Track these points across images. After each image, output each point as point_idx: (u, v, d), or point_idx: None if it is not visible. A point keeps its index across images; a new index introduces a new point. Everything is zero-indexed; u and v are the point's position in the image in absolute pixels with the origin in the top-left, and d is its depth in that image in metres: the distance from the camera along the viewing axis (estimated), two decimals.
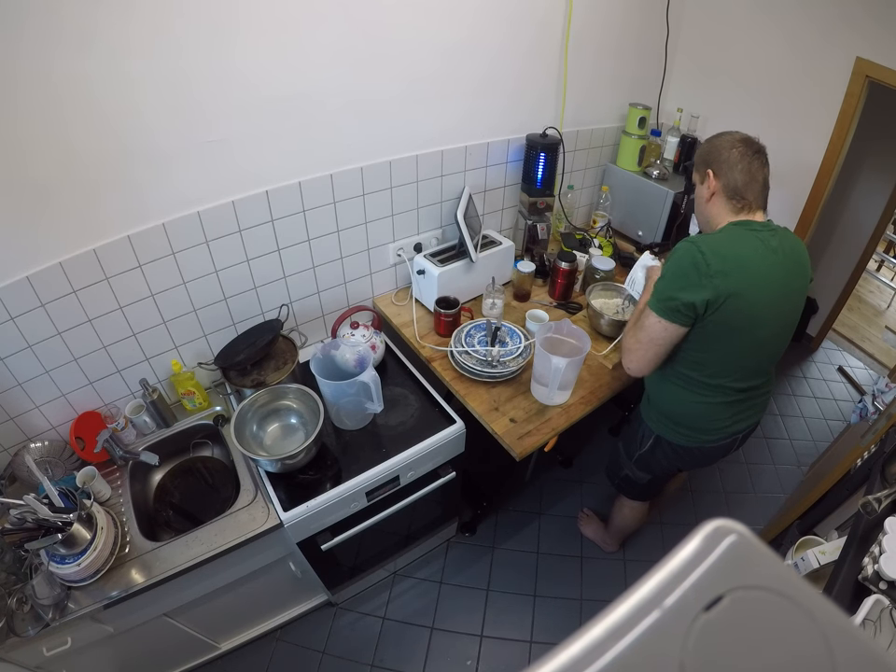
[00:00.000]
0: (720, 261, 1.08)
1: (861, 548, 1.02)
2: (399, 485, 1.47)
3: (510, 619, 1.84)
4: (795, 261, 1.19)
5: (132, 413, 1.46)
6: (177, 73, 1.13)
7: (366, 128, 1.48)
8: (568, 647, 0.20)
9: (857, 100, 1.62)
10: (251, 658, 1.72)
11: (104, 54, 1.04)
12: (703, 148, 1.24)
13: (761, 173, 1.16)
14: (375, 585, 1.91)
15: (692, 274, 1.10)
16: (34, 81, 1.00)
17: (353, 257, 1.71)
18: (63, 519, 1.10)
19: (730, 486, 2.32)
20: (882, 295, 3.68)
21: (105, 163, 1.15)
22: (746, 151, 1.15)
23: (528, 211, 1.93)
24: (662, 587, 0.21)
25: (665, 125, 2.15)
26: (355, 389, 1.36)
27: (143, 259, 1.31)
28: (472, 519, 2.08)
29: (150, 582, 1.18)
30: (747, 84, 1.90)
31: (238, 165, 1.33)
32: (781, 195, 1.93)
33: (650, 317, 1.18)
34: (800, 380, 2.94)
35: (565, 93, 1.85)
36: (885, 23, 1.50)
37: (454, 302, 1.64)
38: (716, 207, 1.21)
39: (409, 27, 1.40)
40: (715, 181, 1.19)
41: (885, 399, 1.54)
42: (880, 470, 1.19)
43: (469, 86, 1.61)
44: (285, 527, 1.29)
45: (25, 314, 1.19)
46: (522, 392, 1.51)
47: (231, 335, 1.59)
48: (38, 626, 1.10)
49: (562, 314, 1.82)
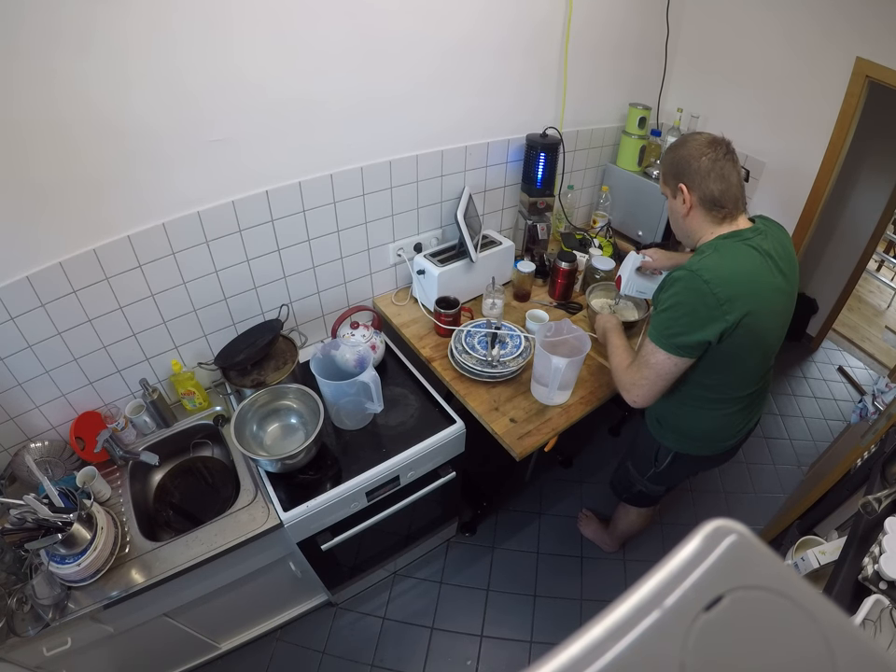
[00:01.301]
0: (726, 287, 1.02)
1: (861, 548, 1.02)
2: (399, 485, 1.47)
3: (510, 619, 1.84)
4: (786, 259, 1.15)
5: (132, 413, 1.46)
6: (176, 73, 1.13)
7: (366, 128, 1.48)
8: (568, 647, 0.20)
9: (857, 100, 1.62)
10: (251, 658, 1.72)
11: (102, 54, 1.04)
12: (669, 159, 1.14)
13: (734, 174, 1.09)
14: (375, 585, 1.91)
15: (701, 310, 1.04)
16: (33, 81, 1.00)
17: (353, 257, 1.71)
18: (63, 519, 1.10)
19: (730, 486, 2.32)
20: (882, 295, 3.68)
21: (105, 163, 1.15)
22: (716, 156, 1.07)
23: (528, 211, 1.93)
24: (662, 587, 0.21)
25: (665, 125, 2.15)
26: (355, 389, 1.36)
27: (143, 259, 1.31)
28: (472, 519, 2.08)
29: (150, 582, 1.18)
30: (747, 84, 1.90)
31: (238, 165, 1.33)
32: (781, 195, 1.94)
33: (656, 354, 1.11)
34: (800, 380, 2.94)
35: (565, 93, 1.85)
36: (885, 23, 1.50)
37: (454, 302, 1.64)
38: (695, 221, 1.15)
39: (409, 28, 1.40)
40: (690, 195, 1.11)
41: (885, 399, 1.54)
42: (880, 470, 1.19)
43: (469, 86, 1.61)
44: (285, 527, 1.29)
45: (25, 314, 1.19)
46: (522, 392, 1.51)
47: (230, 335, 1.59)
48: (38, 626, 1.10)
49: (562, 314, 1.82)
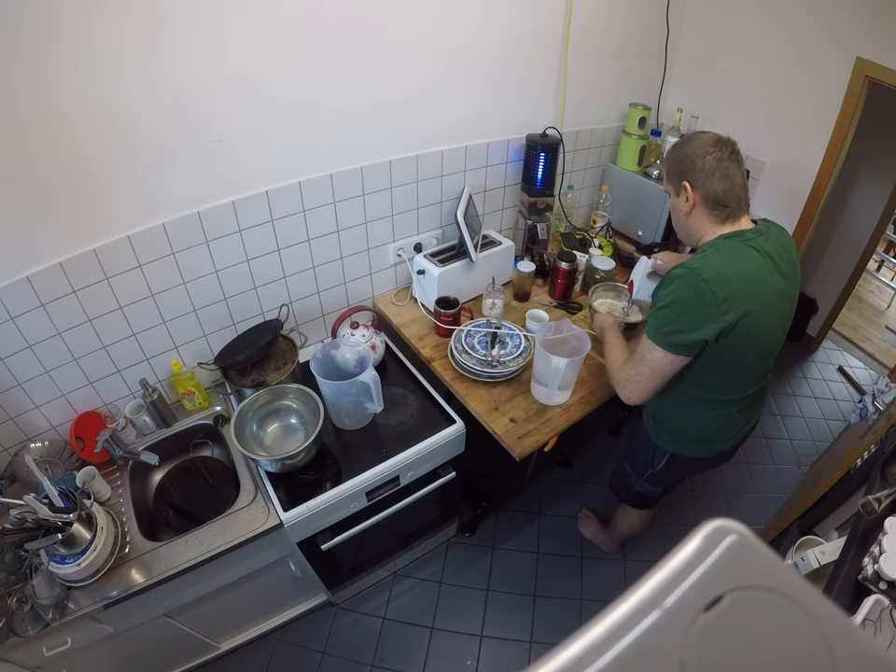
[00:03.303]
0: (725, 286, 1.03)
1: (861, 548, 1.02)
2: (399, 485, 1.47)
3: (510, 619, 1.84)
4: (788, 261, 1.15)
5: (132, 413, 1.46)
6: (176, 73, 1.13)
7: (366, 128, 1.48)
8: (568, 647, 0.20)
9: (857, 100, 1.62)
10: (251, 658, 1.72)
11: (100, 53, 1.03)
12: (673, 157, 1.15)
13: (738, 174, 1.10)
14: (375, 585, 1.91)
15: (699, 308, 1.04)
16: (33, 81, 0.99)
17: (353, 257, 1.71)
18: (63, 519, 1.10)
19: (730, 486, 2.32)
20: (882, 295, 3.68)
21: (105, 163, 1.15)
22: (721, 155, 1.08)
23: (528, 211, 1.93)
24: (662, 587, 0.21)
25: (666, 125, 2.14)
26: (355, 389, 1.36)
27: (143, 259, 1.31)
28: (472, 519, 2.08)
29: (150, 582, 1.18)
30: (747, 84, 1.90)
31: (238, 165, 1.33)
32: (781, 195, 1.94)
33: (653, 351, 1.12)
34: (800, 380, 2.94)
35: (565, 93, 1.85)
36: (885, 23, 1.50)
37: (454, 302, 1.64)
38: (698, 220, 1.15)
39: (410, 28, 1.40)
40: (693, 193, 1.12)
41: (885, 399, 1.54)
42: (880, 470, 1.19)
43: (469, 86, 1.61)
44: (285, 527, 1.29)
45: (25, 314, 1.19)
46: (522, 392, 1.51)
47: (230, 335, 1.59)
48: (38, 626, 1.10)
49: (562, 314, 1.82)
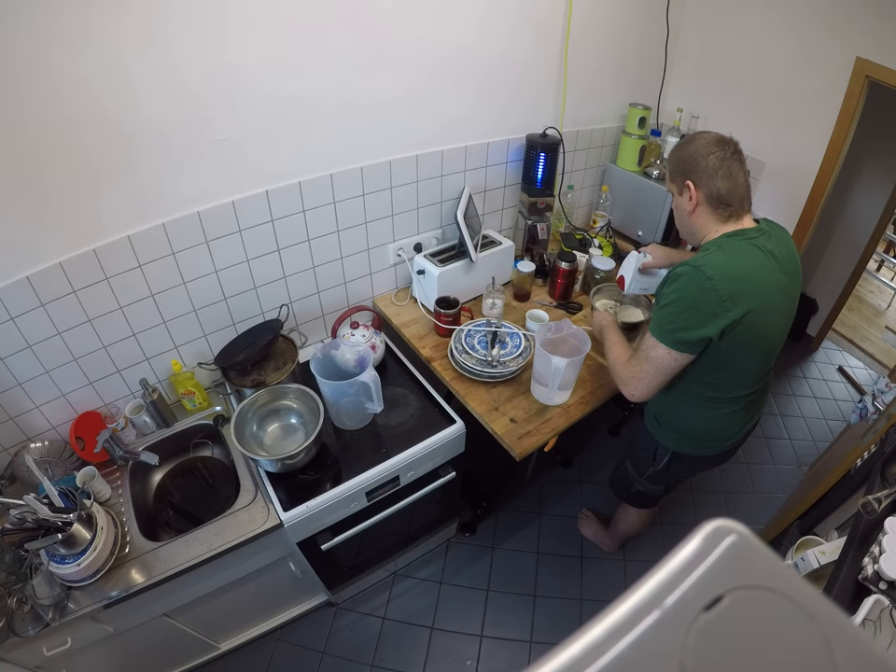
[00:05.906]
0: (728, 284, 1.04)
1: (861, 548, 1.02)
2: (399, 485, 1.47)
3: (510, 619, 1.84)
4: (790, 260, 1.16)
5: (132, 413, 1.46)
6: (176, 73, 1.13)
7: (366, 128, 1.48)
8: (568, 647, 0.20)
9: (857, 100, 1.62)
10: (251, 658, 1.72)
11: (100, 52, 1.03)
12: (676, 156, 1.17)
13: (741, 174, 1.11)
14: (375, 585, 1.91)
15: (703, 306, 1.05)
16: (33, 81, 0.99)
17: (353, 257, 1.71)
18: (63, 519, 1.10)
19: (730, 486, 2.32)
20: (882, 295, 3.68)
21: (105, 163, 1.15)
22: (724, 154, 1.09)
23: (528, 211, 1.93)
24: (662, 587, 0.21)
25: (665, 125, 2.14)
26: (355, 389, 1.36)
27: (143, 259, 1.31)
28: (472, 519, 2.08)
29: (150, 582, 1.18)
30: (747, 84, 1.90)
31: (238, 165, 1.33)
32: (781, 195, 1.94)
33: (657, 349, 1.13)
34: (800, 380, 2.94)
35: (565, 93, 1.85)
36: (885, 23, 1.50)
37: (454, 302, 1.64)
38: (700, 219, 1.16)
39: (410, 28, 1.40)
40: (697, 192, 1.13)
41: (885, 399, 1.54)
42: (880, 470, 1.19)
43: (469, 86, 1.61)
44: (285, 527, 1.29)
45: (25, 314, 1.19)
46: (522, 392, 1.50)
47: (230, 335, 1.58)
48: (38, 626, 1.10)
49: (562, 314, 1.82)
